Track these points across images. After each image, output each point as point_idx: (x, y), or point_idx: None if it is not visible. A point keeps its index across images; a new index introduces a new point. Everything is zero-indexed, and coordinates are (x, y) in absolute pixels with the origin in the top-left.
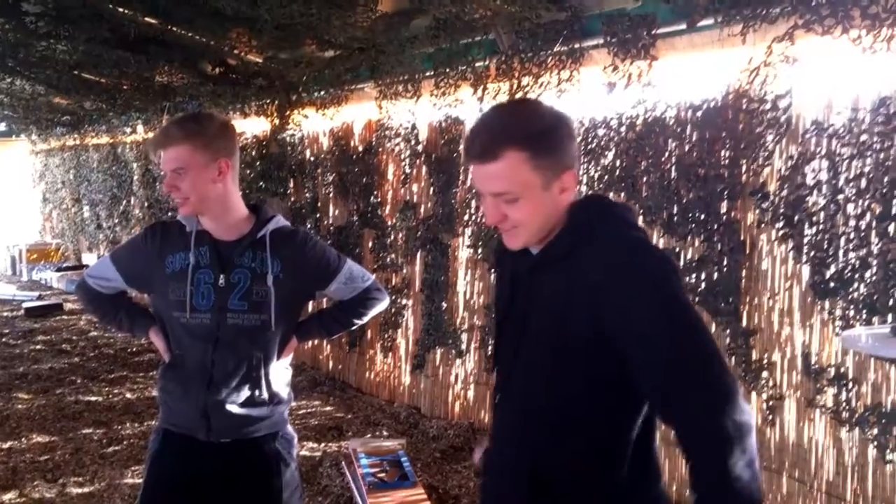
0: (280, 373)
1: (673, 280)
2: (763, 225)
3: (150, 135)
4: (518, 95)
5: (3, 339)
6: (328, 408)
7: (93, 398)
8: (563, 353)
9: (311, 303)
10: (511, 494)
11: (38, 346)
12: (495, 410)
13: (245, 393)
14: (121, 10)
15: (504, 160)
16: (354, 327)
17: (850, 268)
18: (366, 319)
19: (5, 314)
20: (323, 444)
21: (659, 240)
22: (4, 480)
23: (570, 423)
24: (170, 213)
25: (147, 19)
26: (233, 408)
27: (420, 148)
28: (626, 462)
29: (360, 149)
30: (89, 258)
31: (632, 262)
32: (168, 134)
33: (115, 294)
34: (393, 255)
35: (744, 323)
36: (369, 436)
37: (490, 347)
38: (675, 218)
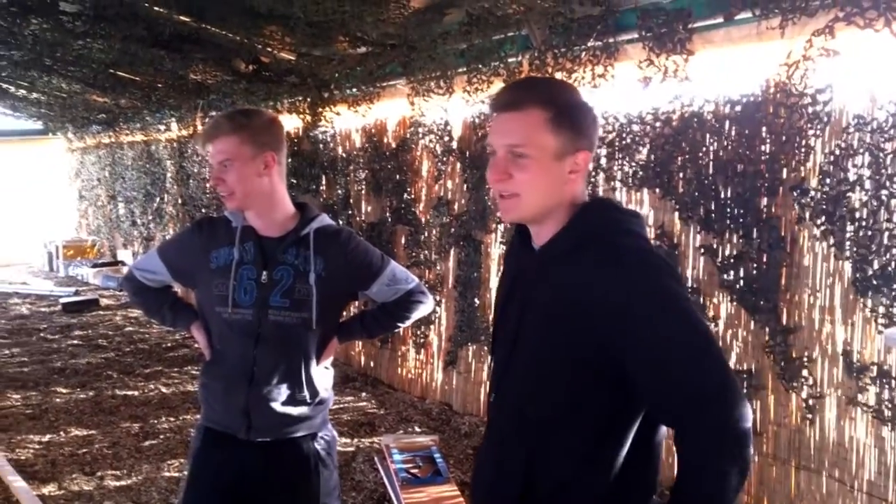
0: (321, 373)
1: (676, 289)
2: (803, 221)
3: (184, 132)
4: None
5: (41, 334)
6: (361, 403)
7: (129, 392)
8: (559, 357)
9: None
10: (501, 494)
11: (76, 341)
12: (489, 409)
13: (286, 391)
14: (156, 8)
15: (526, 112)
16: (397, 330)
17: (893, 264)
18: (408, 322)
19: (43, 309)
20: (356, 440)
21: (696, 236)
22: (44, 473)
23: (562, 426)
24: (203, 211)
25: (181, 18)
26: (274, 405)
27: (453, 145)
28: (618, 469)
29: (394, 146)
30: (124, 254)
31: (631, 272)
32: (217, 126)
33: (160, 288)
34: (426, 252)
35: (783, 320)
36: (402, 432)
37: None
38: (713, 214)
